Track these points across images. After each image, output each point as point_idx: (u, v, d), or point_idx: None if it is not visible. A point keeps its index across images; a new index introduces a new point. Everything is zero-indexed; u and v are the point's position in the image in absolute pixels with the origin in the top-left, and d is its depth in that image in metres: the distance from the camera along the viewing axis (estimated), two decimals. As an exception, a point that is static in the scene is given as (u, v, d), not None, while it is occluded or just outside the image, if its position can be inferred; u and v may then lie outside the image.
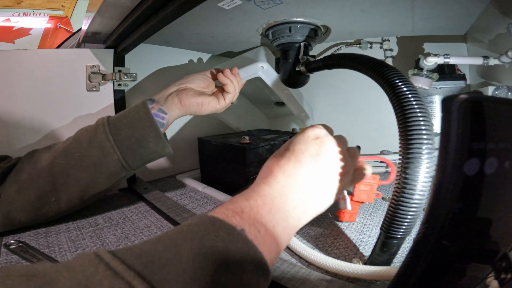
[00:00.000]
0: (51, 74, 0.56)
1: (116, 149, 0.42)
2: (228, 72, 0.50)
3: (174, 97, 0.47)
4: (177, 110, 0.47)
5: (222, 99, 0.50)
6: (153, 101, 0.46)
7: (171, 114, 0.47)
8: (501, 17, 0.48)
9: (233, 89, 0.50)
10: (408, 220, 0.27)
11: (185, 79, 0.50)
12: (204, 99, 0.48)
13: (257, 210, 0.22)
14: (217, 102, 0.50)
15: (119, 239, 0.41)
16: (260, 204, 0.22)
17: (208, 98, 0.49)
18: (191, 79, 0.50)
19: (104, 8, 0.46)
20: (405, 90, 0.29)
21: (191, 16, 0.47)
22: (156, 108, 0.46)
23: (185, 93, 0.47)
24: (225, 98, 0.50)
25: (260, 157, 0.61)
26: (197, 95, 0.48)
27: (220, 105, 0.50)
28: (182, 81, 0.49)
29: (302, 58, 0.58)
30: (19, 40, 2.47)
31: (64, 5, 2.64)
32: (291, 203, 0.24)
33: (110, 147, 0.42)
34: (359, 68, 0.38)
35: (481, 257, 0.20)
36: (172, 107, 0.46)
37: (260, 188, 0.24)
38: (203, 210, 0.51)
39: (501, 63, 0.48)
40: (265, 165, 0.27)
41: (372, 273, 0.30)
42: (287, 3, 0.49)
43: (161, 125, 0.45)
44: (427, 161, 0.27)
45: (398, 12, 0.54)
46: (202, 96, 0.48)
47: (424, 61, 0.56)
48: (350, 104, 0.89)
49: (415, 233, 0.20)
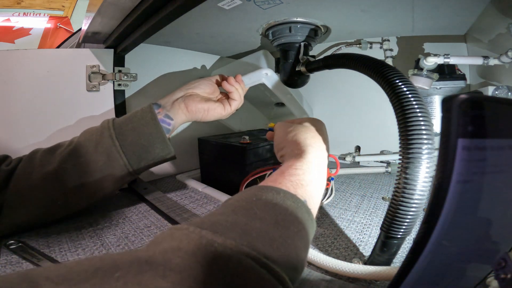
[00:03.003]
0: (51, 74, 0.56)
1: (122, 155, 0.42)
2: (232, 80, 0.50)
3: (180, 102, 0.47)
4: (183, 116, 0.47)
5: (227, 105, 0.51)
6: (159, 106, 0.46)
7: (177, 120, 0.47)
8: (501, 17, 0.48)
9: (238, 96, 0.51)
10: (408, 220, 0.27)
11: (191, 84, 0.49)
12: (210, 106, 0.48)
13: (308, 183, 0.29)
14: (223, 108, 0.50)
15: (119, 239, 0.41)
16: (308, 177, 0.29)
17: (214, 105, 0.49)
18: (197, 84, 0.50)
19: (104, 8, 0.46)
20: (405, 90, 0.29)
21: (191, 16, 0.47)
22: (163, 114, 0.45)
23: (192, 99, 0.47)
24: (231, 105, 0.51)
25: (260, 157, 0.61)
26: (204, 101, 0.48)
27: (226, 112, 0.51)
28: (188, 86, 0.49)
29: (302, 58, 0.58)
30: (19, 40, 2.47)
31: (64, 5, 2.65)
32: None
33: (116, 152, 0.42)
34: (359, 68, 0.38)
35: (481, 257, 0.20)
36: (179, 112, 0.46)
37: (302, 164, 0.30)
38: (203, 210, 0.51)
39: (501, 63, 0.48)
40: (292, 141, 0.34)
41: (372, 273, 0.30)
42: (287, 3, 0.49)
43: (166, 130, 0.45)
44: (427, 161, 0.27)
45: (398, 12, 0.54)
46: (208, 102, 0.48)
47: (424, 61, 0.56)
48: (350, 104, 0.89)
49: (415, 233, 0.20)
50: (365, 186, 0.63)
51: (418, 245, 0.16)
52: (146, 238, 0.41)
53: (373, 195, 0.57)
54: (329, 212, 0.49)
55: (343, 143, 0.90)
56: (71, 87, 0.58)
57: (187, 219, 0.45)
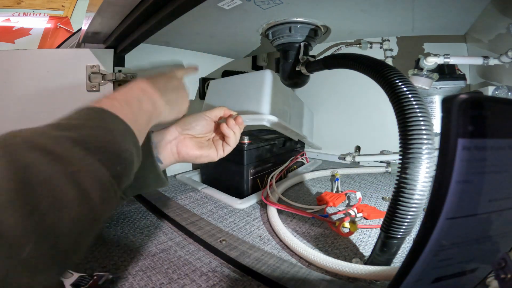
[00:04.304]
0: (51, 74, 0.56)
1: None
2: (232, 123, 0.46)
3: (173, 147, 0.44)
4: (173, 160, 0.45)
5: (220, 150, 0.47)
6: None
7: (165, 163, 0.44)
8: (501, 17, 0.48)
9: (234, 141, 0.47)
10: (408, 220, 0.27)
11: (187, 123, 0.46)
12: (203, 153, 0.46)
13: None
14: (216, 153, 0.47)
15: (119, 239, 0.41)
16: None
17: (207, 151, 0.46)
18: (194, 124, 0.46)
19: (104, 8, 0.46)
20: (405, 90, 0.29)
21: (191, 16, 0.47)
22: (154, 154, 0.43)
23: (185, 145, 0.45)
24: (224, 150, 0.47)
25: (260, 157, 0.61)
26: (197, 148, 0.45)
27: (218, 156, 0.47)
28: (184, 126, 0.46)
29: (302, 58, 0.58)
30: (19, 40, 2.47)
31: (64, 5, 2.65)
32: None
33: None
34: (359, 68, 0.38)
35: (481, 257, 0.20)
36: (170, 156, 0.44)
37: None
38: (203, 210, 0.51)
39: (501, 63, 0.48)
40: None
41: (372, 273, 0.30)
42: (287, 3, 0.49)
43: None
44: (427, 161, 0.27)
45: (398, 12, 0.55)
46: (201, 149, 0.46)
47: (424, 61, 0.56)
48: (350, 104, 0.89)
49: (415, 233, 0.20)
50: (365, 186, 0.63)
51: (418, 245, 0.16)
52: (146, 238, 0.41)
53: (373, 195, 0.57)
54: (329, 211, 0.49)
55: (343, 143, 0.90)
56: (71, 87, 0.58)
57: (187, 219, 0.45)
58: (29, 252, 0.16)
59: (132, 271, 0.33)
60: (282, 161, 0.70)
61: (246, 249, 0.37)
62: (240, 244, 0.38)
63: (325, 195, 0.54)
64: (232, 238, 0.40)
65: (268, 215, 0.47)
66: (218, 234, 0.41)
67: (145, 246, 0.39)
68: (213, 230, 0.42)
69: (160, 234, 0.43)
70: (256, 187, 0.60)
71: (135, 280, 0.32)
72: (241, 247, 0.37)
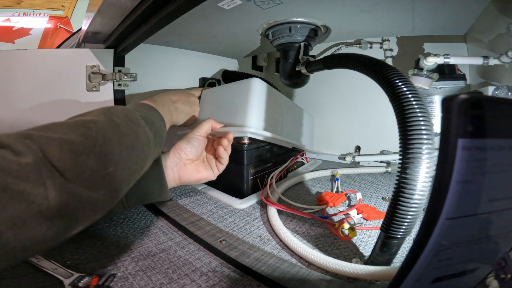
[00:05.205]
0: (51, 74, 0.56)
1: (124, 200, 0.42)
2: (226, 143, 0.50)
3: (175, 173, 0.48)
4: (173, 183, 0.48)
5: (215, 169, 0.52)
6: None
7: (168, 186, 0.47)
8: (501, 17, 0.48)
9: (226, 161, 0.51)
10: (408, 220, 0.27)
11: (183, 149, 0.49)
12: (202, 176, 0.50)
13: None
14: (213, 174, 0.51)
15: (119, 239, 0.41)
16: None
17: (206, 174, 0.50)
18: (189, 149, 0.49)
19: (104, 8, 0.46)
20: (405, 90, 0.29)
21: (191, 16, 0.47)
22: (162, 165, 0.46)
23: (185, 171, 0.49)
24: (219, 169, 0.52)
25: (260, 157, 0.61)
26: (196, 172, 0.49)
27: (215, 176, 0.52)
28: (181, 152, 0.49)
29: (302, 58, 0.58)
30: (19, 40, 2.47)
31: (64, 5, 2.64)
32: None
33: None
34: (359, 68, 0.38)
35: (481, 257, 0.20)
36: (171, 180, 0.48)
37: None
38: (203, 210, 0.51)
39: (501, 63, 0.48)
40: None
41: (372, 273, 0.30)
42: (287, 3, 0.49)
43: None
44: (427, 161, 0.27)
45: (398, 12, 0.55)
46: (200, 173, 0.50)
47: (424, 61, 0.56)
48: (350, 104, 0.89)
49: (415, 233, 0.20)
50: (365, 186, 0.63)
51: (418, 245, 0.16)
52: (146, 238, 0.41)
53: (373, 195, 0.57)
54: (330, 211, 0.49)
55: (343, 143, 0.90)
56: (71, 87, 0.58)
57: (187, 218, 0.45)
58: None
59: (132, 271, 0.33)
60: (282, 161, 0.70)
61: (246, 249, 0.37)
62: (240, 244, 0.38)
63: (325, 195, 0.54)
64: (232, 238, 0.40)
65: (268, 215, 0.47)
66: (218, 234, 0.41)
67: (145, 246, 0.39)
68: (213, 230, 0.42)
69: (160, 234, 0.43)
70: (256, 187, 0.60)
71: (135, 280, 0.32)
72: (241, 247, 0.37)
